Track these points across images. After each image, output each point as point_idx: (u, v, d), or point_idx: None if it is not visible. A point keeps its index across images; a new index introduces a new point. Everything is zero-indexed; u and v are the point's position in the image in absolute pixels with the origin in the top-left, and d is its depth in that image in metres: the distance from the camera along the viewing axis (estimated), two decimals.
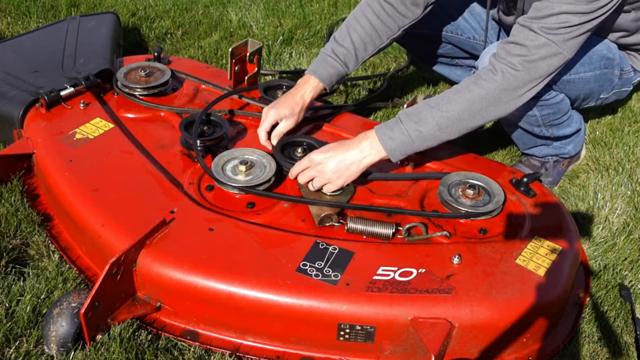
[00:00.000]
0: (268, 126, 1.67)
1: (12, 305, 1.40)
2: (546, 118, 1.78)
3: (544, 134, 1.85)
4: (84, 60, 1.98)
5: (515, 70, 1.46)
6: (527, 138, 1.91)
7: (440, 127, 1.49)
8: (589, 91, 1.83)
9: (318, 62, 1.75)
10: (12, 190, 1.70)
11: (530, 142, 1.94)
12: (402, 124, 1.51)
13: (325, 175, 1.51)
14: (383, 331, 1.28)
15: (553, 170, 2.02)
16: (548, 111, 1.76)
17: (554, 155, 1.99)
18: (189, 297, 1.32)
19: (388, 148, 1.51)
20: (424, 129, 1.49)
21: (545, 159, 2.01)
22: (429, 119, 1.49)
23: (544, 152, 1.98)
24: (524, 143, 1.96)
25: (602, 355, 1.46)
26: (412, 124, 1.50)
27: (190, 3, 3.09)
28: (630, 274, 1.68)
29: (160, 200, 1.47)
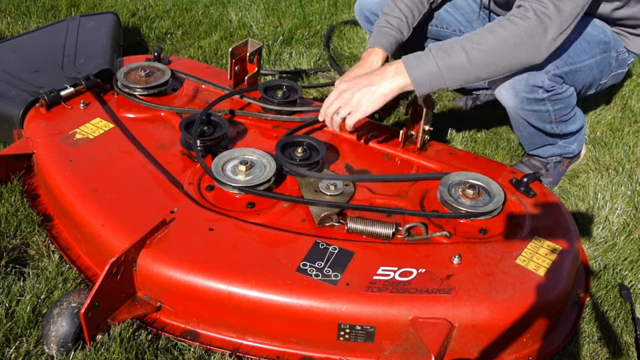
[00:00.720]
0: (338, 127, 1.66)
1: (12, 305, 1.40)
2: (558, 113, 1.79)
3: (554, 131, 1.86)
4: (84, 60, 1.98)
5: (546, 9, 1.45)
6: (536, 138, 1.92)
7: (470, 59, 1.47)
8: (592, 78, 1.84)
9: (376, 35, 1.84)
10: (12, 190, 1.70)
11: (538, 141, 1.94)
12: (430, 53, 1.49)
13: (351, 103, 1.52)
14: (383, 331, 1.28)
15: (554, 171, 2.03)
16: (560, 105, 1.77)
17: (558, 155, 2.00)
18: (189, 297, 1.32)
19: (414, 76, 1.49)
20: (453, 60, 1.47)
21: (548, 159, 2.02)
22: (458, 50, 1.47)
23: (550, 152, 1.99)
24: (532, 143, 1.96)
25: (602, 355, 1.46)
26: (441, 53, 1.48)
27: (190, 3, 3.09)
28: (630, 274, 1.68)
29: (160, 200, 1.47)
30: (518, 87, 1.66)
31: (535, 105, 1.72)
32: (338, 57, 2.75)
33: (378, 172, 1.68)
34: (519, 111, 1.76)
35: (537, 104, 1.71)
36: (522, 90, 1.66)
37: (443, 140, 2.19)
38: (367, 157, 1.74)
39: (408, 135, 1.75)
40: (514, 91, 1.68)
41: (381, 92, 1.52)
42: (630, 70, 2.76)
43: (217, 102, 1.80)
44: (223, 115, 1.79)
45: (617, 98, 2.53)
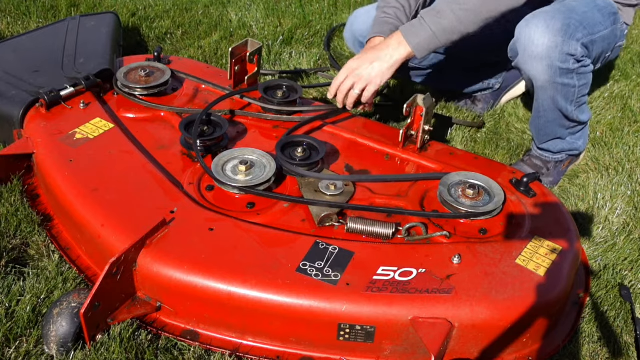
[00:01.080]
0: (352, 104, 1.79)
1: (12, 305, 1.40)
2: (580, 91, 1.83)
3: (572, 115, 1.89)
4: (84, 60, 1.98)
5: None
6: (553, 126, 1.93)
7: (459, 19, 1.64)
8: (602, 50, 1.89)
9: (376, 26, 1.88)
10: (12, 190, 1.70)
11: (553, 131, 1.96)
12: (423, 20, 1.65)
13: (364, 77, 1.67)
14: (383, 331, 1.28)
15: (554, 170, 2.03)
16: (584, 82, 1.82)
17: (566, 150, 2.02)
18: (189, 297, 1.32)
19: (413, 44, 1.66)
20: (445, 22, 1.63)
21: (550, 159, 2.03)
22: (448, 13, 1.64)
23: (559, 147, 2.01)
24: (546, 134, 1.98)
25: (602, 355, 1.46)
26: (433, 18, 1.64)
27: (190, 3, 3.09)
28: (630, 274, 1.68)
29: (160, 200, 1.47)
30: (553, 56, 1.71)
31: (566, 78, 1.76)
32: (338, 57, 2.75)
33: (378, 172, 1.68)
34: (549, 87, 1.79)
35: (567, 76, 1.76)
36: (556, 59, 1.71)
37: (443, 140, 2.19)
38: (367, 157, 1.74)
39: (408, 135, 1.75)
40: (548, 61, 1.72)
41: (388, 63, 1.68)
42: (630, 70, 2.76)
43: (218, 102, 1.80)
44: (223, 115, 1.79)
45: (617, 98, 2.53)
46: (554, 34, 1.68)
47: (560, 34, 1.69)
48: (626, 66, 2.80)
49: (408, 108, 1.68)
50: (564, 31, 1.69)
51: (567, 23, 1.70)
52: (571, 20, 1.72)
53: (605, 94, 2.56)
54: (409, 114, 1.71)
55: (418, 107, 1.70)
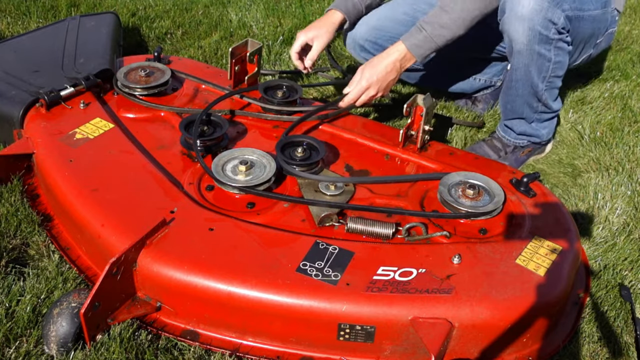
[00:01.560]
0: (298, 47, 1.94)
1: (12, 305, 1.40)
2: (554, 70, 1.87)
3: (540, 95, 1.92)
4: (84, 60, 1.98)
5: None
6: (519, 102, 1.97)
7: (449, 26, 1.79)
8: (591, 31, 1.92)
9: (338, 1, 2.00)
10: (12, 190, 1.70)
11: (519, 108, 1.99)
12: (423, 29, 1.80)
13: (382, 86, 1.82)
14: (383, 331, 1.28)
15: (512, 156, 2.08)
16: (559, 59, 1.85)
17: (528, 135, 2.06)
18: (189, 297, 1.32)
19: (414, 52, 1.82)
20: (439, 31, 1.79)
21: (510, 141, 2.07)
22: (440, 18, 1.79)
23: (521, 129, 2.05)
24: (512, 110, 2.02)
25: (602, 355, 1.46)
26: (427, 26, 1.79)
27: (190, 3, 3.09)
28: (630, 274, 1.68)
29: (160, 200, 1.47)
30: (535, 19, 1.73)
31: (543, 47, 1.79)
32: (338, 57, 2.75)
33: (378, 172, 1.68)
34: (526, 53, 1.82)
35: (545, 46, 1.79)
36: (538, 23, 1.74)
37: (443, 140, 2.19)
38: (367, 157, 1.74)
39: (408, 135, 1.75)
40: (530, 23, 1.75)
41: (398, 72, 1.84)
42: (630, 70, 2.76)
43: (217, 102, 1.80)
44: (223, 115, 1.79)
45: (617, 98, 2.53)
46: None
47: (548, 0, 1.72)
48: (626, 66, 2.80)
49: (408, 108, 1.68)
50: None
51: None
52: None
53: (605, 94, 2.56)
54: (409, 114, 1.71)
55: (418, 107, 1.70)
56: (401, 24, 2.16)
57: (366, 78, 1.81)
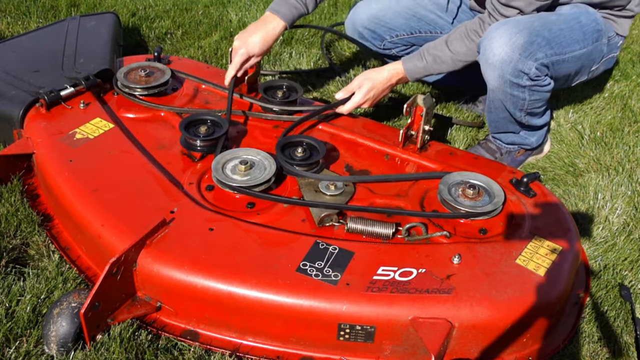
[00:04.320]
0: (235, 69, 1.86)
1: (12, 305, 1.40)
2: (531, 104, 1.86)
3: (521, 120, 1.93)
4: (84, 60, 1.98)
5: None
6: (503, 123, 1.98)
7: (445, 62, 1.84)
8: (579, 67, 1.91)
9: (279, 2, 1.89)
10: (12, 190, 1.70)
11: (503, 126, 2.00)
12: (424, 59, 1.85)
13: (375, 101, 1.88)
14: (383, 331, 1.28)
15: (507, 157, 2.09)
16: (537, 97, 1.83)
17: (518, 144, 2.07)
18: (189, 297, 1.32)
19: (412, 77, 1.89)
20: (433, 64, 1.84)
21: (501, 146, 2.08)
22: (438, 52, 1.83)
23: (510, 140, 2.06)
24: (497, 127, 2.03)
25: (602, 355, 1.46)
26: (426, 55, 1.84)
27: (190, 3, 3.09)
28: (630, 274, 1.68)
29: (160, 200, 1.47)
30: (505, 69, 1.73)
31: (516, 91, 1.79)
32: (338, 57, 2.75)
33: (378, 172, 1.68)
34: (499, 92, 1.82)
35: (517, 90, 1.78)
36: (508, 72, 1.74)
37: (443, 140, 2.19)
38: (367, 157, 1.74)
39: (408, 135, 1.75)
40: (500, 72, 1.75)
41: (389, 87, 1.89)
42: (630, 70, 2.76)
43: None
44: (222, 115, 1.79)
45: (617, 98, 2.53)
46: (512, 49, 1.69)
47: (519, 51, 1.69)
48: (626, 66, 2.80)
49: (408, 108, 1.68)
50: (524, 49, 1.69)
51: (530, 41, 1.69)
52: (537, 38, 1.71)
53: (605, 94, 2.56)
54: (409, 114, 1.71)
55: (418, 107, 1.70)
56: (402, 17, 2.19)
57: (363, 93, 1.84)
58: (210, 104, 1.91)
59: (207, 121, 1.71)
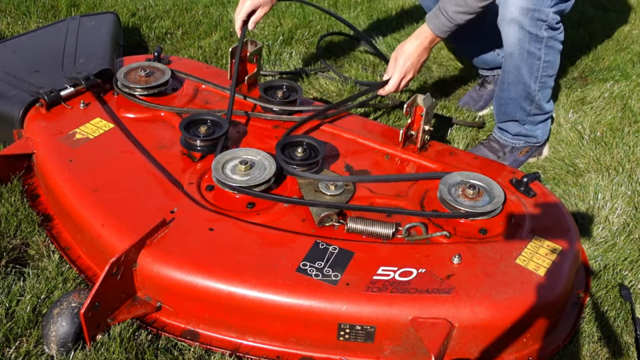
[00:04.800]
0: (244, 14, 1.96)
1: (12, 305, 1.40)
2: (545, 68, 1.91)
3: (534, 94, 1.96)
4: (84, 60, 1.98)
5: None
6: (512, 105, 2.00)
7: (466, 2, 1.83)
8: None
9: None
10: (12, 190, 1.70)
11: (512, 111, 2.02)
12: (443, 12, 1.85)
13: (417, 69, 1.92)
14: (383, 331, 1.28)
15: (510, 156, 2.10)
16: (550, 58, 1.89)
17: (524, 136, 2.08)
18: (189, 297, 1.32)
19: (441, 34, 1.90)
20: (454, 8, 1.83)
21: (507, 142, 2.09)
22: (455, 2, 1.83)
23: (516, 130, 2.07)
24: (505, 112, 2.05)
25: (602, 355, 1.46)
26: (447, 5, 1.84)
27: (190, 3, 3.09)
28: (630, 274, 1.68)
29: (160, 200, 1.47)
30: (524, 20, 1.79)
31: (534, 47, 1.85)
32: (338, 57, 2.75)
33: (378, 172, 1.68)
34: (516, 53, 1.87)
35: (535, 45, 1.85)
36: (526, 23, 1.79)
37: (443, 140, 2.19)
38: (367, 157, 1.74)
39: (408, 135, 1.75)
40: (519, 24, 1.81)
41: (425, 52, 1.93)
42: (630, 70, 2.76)
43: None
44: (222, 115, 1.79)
45: (617, 98, 2.53)
46: (527, 1, 1.76)
47: (533, 1, 1.76)
48: (626, 66, 2.80)
49: (408, 108, 1.68)
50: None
51: None
52: None
53: (605, 94, 2.56)
54: (409, 114, 1.71)
55: (418, 107, 1.70)
56: None
57: (401, 66, 1.90)
58: (210, 104, 1.91)
59: (207, 121, 1.71)
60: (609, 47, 2.97)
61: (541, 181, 1.91)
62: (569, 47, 2.93)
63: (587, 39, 3.03)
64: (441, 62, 2.78)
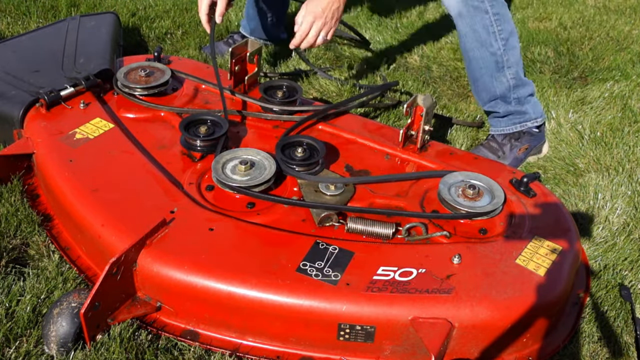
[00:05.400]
0: (206, 8, 1.97)
1: (12, 305, 1.40)
2: (497, 21, 1.94)
3: (499, 54, 1.96)
4: (84, 60, 1.98)
5: None
6: (486, 76, 2.01)
7: None
8: None
9: None
10: (12, 190, 1.70)
11: (489, 84, 2.03)
12: None
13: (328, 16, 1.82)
14: (383, 331, 1.28)
15: (510, 154, 2.10)
16: (496, 10, 1.93)
17: (515, 114, 2.07)
18: (189, 297, 1.32)
19: None
20: None
21: (502, 130, 2.09)
22: None
23: (505, 109, 2.06)
24: (485, 89, 2.06)
25: (602, 355, 1.46)
26: None
27: (190, 3, 3.09)
28: (630, 274, 1.68)
29: (160, 200, 1.47)
30: None
31: (476, 1, 1.90)
32: (338, 56, 2.75)
33: (378, 172, 1.68)
34: (464, 11, 1.92)
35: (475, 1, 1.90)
36: None
37: (443, 140, 2.19)
38: (367, 157, 1.74)
39: (408, 135, 1.75)
40: None
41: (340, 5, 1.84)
42: (630, 70, 2.76)
43: None
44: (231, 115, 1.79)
45: (617, 98, 2.53)
46: None
47: None
48: (626, 66, 2.80)
49: (408, 108, 1.68)
50: None
51: None
52: None
53: (605, 94, 2.56)
54: (409, 114, 1.71)
55: (418, 107, 1.70)
56: None
57: (311, 11, 1.82)
58: (210, 104, 1.91)
59: (207, 121, 1.71)
60: (609, 47, 2.97)
61: (541, 181, 1.91)
62: (569, 47, 2.93)
63: (587, 39, 3.03)
64: (441, 62, 2.78)
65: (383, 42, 2.91)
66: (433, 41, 2.93)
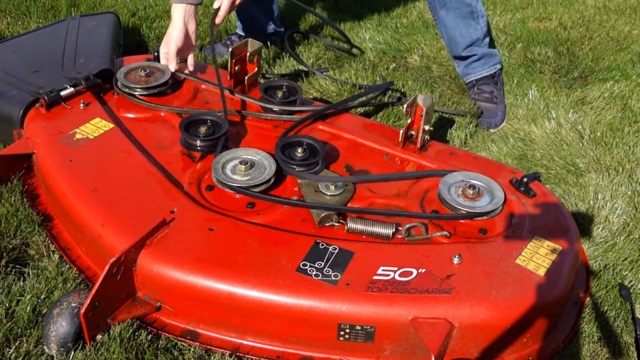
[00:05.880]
0: (176, 66, 1.94)
1: (12, 305, 1.40)
2: None
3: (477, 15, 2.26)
4: (84, 60, 1.98)
5: None
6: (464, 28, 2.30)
7: None
8: None
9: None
10: (12, 190, 1.70)
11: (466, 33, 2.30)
12: None
13: None
14: (383, 331, 1.28)
15: (499, 96, 2.37)
16: None
17: (488, 55, 2.39)
18: (189, 297, 1.32)
19: None
20: None
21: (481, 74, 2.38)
22: None
23: (481, 52, 2.38)
24: (463, 36, 2.34)
25: (602, 355, 1.46)
26: None
27: None
28: (630, 274, 1.68)
29: (160, 200, 1.47)
30: None
31: None
32: (338, 56, 2.75)
33: (378, 172, 1.68)
34: None
35: None
36: None
37: (443, 140, 2.19)
38: (367, 157, 1.74)
39: (408, 135, 1.75)
40: None
41: None
42: (630, 70, 2.76)
43: None
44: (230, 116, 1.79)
45: (617, 98, 2.53)
46: None
47: None
48: (626, 66, 2.80)
49: (408, 108, 1.68)
50: None
51: None
52: None
53: (605, 94, 2.56)
54: (409, 114, 1.71)
55: (418, 107, 1.70)
56: None
57: None
58: (210, 104, 1.91)
59: (207, 121, 1.71)
60: (609, 47, 2.97)
61: (541, 181, 1.91)
62: (569, 47, 2.93)
63: (587, 39, 3.03)
64: (441, 62, 2.78)
65: (383, 42, 2.91)
66: (433, 41, 2.93)
